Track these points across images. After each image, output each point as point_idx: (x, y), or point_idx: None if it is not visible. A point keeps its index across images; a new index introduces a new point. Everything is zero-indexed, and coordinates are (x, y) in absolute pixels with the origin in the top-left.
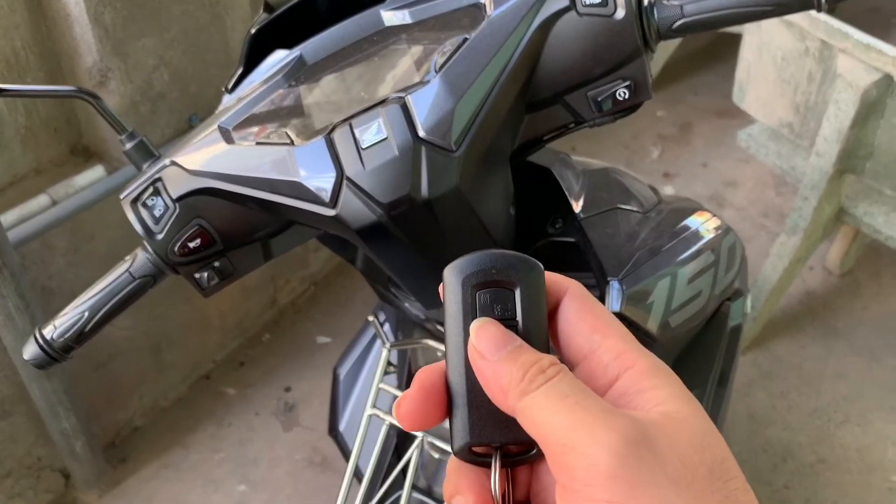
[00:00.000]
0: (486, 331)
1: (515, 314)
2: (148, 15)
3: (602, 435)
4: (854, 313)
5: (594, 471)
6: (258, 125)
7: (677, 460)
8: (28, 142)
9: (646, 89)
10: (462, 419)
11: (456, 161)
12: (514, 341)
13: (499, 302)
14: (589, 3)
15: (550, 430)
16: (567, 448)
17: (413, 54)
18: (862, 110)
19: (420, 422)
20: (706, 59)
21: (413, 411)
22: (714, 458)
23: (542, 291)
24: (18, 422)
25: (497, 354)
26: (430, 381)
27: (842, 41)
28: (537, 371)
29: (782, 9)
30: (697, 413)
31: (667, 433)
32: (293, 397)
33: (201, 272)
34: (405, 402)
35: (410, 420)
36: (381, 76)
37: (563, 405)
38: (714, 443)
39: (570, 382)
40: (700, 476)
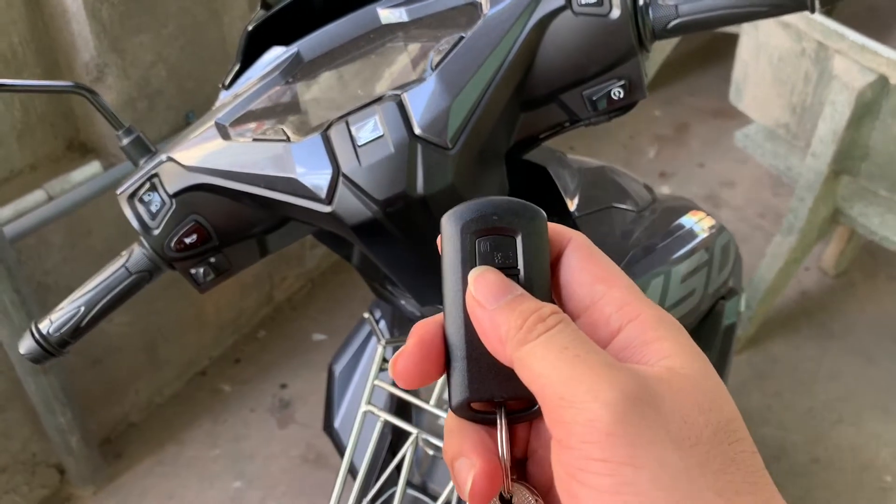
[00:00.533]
0: (485, 278)
1: (517, 262)
2: (145, 11)
3: (602, 390)
4: (849, 314)
5: (592, 427)
6: (255, 121)
7: (680, 419)
8: (24, 137)
9: (641, 88)
10: (461, 373)
11: (451, 158)
12: (514, 290)
13: (499, 249)
14: (584, 3)
15: (548, 383)
16: (565, 402)
17: (409, 52)
18: (857, 111)
19: (418, 378)
20: (703, 60)
21: (410, 367)
22: (720, 419)
23: (545, 239)
24: (13, 417)
25: (496, 303)
26: (429, 336)
27: (838, 42)
28: (537, 320)
29: (777, 9)
30: (705, 369)
31: (671, 390)
32: (289, 394)
33: (197, 268)
34: (402, 359)
35: (408, 377)
36: (377, 74)
37: (562, 357)
38: (721, 402)
39: (571, 333)
40: (704, 436)
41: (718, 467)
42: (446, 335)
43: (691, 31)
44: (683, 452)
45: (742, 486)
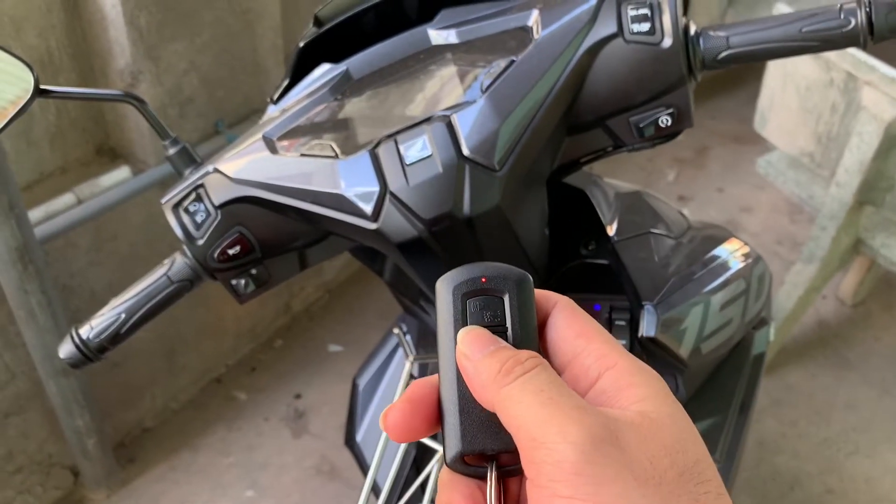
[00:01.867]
0: (472, 334)
1: (505, 320)
2: (181, 20)
3: (571, 431)
4: (866, 344)
5: (559, 467)
6: (302, 137)
7: (646, 460)
8: (56, 140)
9: (688, 117)
10: (454, 428)
11: (498, 180)
12: (497, 343)
13: (488, 309)
14: (637, 31)
15: (523, 424)
16: (536, 443)
17: (459, 74)
18: (885, 143)
19: (406, 434)
20: (725, 84)
21: (400, 422)
22: (687, 461)
23: (531, 299)
24: (32, 418)
25: (480, 354)
26: (420, 394)
27: (867, 74)
28: (514, 363)
29: (828, 45)
30: (674, 413)
31: (639, 432)
32: (303, 404)
33: (238, 279)
34: (392, 414)
35: (397, 431)
36: (426, 94)
37: (536, 399)
38: (689, 444)
39: (547, 378)
40: (669, 477)
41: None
42: (440, 391)
43: (741, 63)
44: (647, 491)
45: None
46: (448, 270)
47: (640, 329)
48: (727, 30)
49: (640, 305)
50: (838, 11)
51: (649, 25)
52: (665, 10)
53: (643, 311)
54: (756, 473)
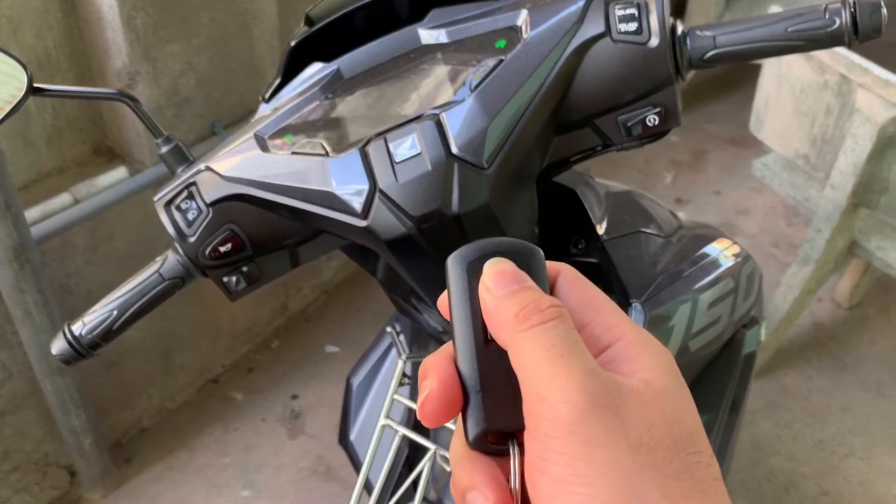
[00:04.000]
0: (497, 267)
1: None
2: (178, 21)
3: (572, 393)
4: (862, 346)
5: (556, 424)
6: (294, 135)
7: (643, 427)
8: (53, 140)
9: (676, 116)
10: (476, 407)
11: (487, 178)
12: (522, 280)
13: None
14: (624, 31)
15: (530, 376)
16: (539, 397)
17: (449, 73)
18: (879, 145)
19: (444, 418)
20: (722, 87)
21: (437, 409)
22: (682, 431)
23: (543, 274)
24: (28, 417)
25: (503, 290)
26: (447, 375)
27: (861, 76)
28: (533, 310)
29: (813, 44)
30: (677, 385)
31: (641, 399)
32: (300, 405)
33: (230, 276)
34: (429, 402)
35: (436, 417)
36: (416, 93)
37: (547, 354)
38: (686, 416)
39: (562, 332)
40: (664, 445)
41: (671, 472)
42: (460, 371)
43: (727, 62)
44: (638, 456)
45: (691, 491)
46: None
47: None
48: (714, 29)
49: (629, 303)
50: (823, 11)
51: (637, 25)
52: (652, 9)
53: (630, 309)
54: (751, 475)
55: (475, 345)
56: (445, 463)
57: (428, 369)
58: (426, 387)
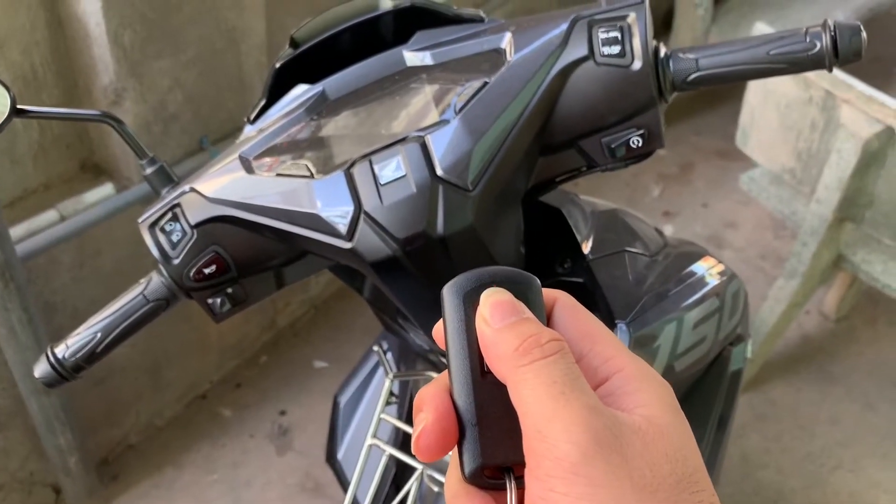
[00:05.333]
0: (495, 297)
1: None
2: (165, 37)
3: (575, 431)
4: (849, 359)
5: (559, 464)
6: (278, 156)
7: (646, 467)
8: (39, 157)
9: (659, 138)
10: (473, 441)
11: (472, 200)
12: (521, 312)
13: None
14: (607, 54)
15: (529, 412)
16: (541, 436)
17: (433, 95)
18: (863, 160)
19: (440, 452)
20: (709, 100)
21: (433, 443)
22: (685, 469)
23: (540, 304)
24: (13, 435)
25: (501, 322)
26: (443, 409)
27: (845, 92)
28: (533, 344)
29: (794, 67)
30: (678, 422)
31: (643, 438)
32: (288, 421)
33: (214, 298)
34: (424, 436)
35: (431, 452)
36: (401, 114)
37: (548, 391)
38: (689, 454)
39: (564, 367)
40: (667, 485)
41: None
42: (456, 403)
43: (710, 85)
44: (643, 496)
45: None
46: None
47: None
48: (696, 52)
49: (614, 324)
50: (804, 35)
51: (619, 48)
52: (635, 32)
53: (616, 330)
54: (740, 489)
55: (472, 377)
56: (433, 483)
57: (423, 401)
58: (421, 420)
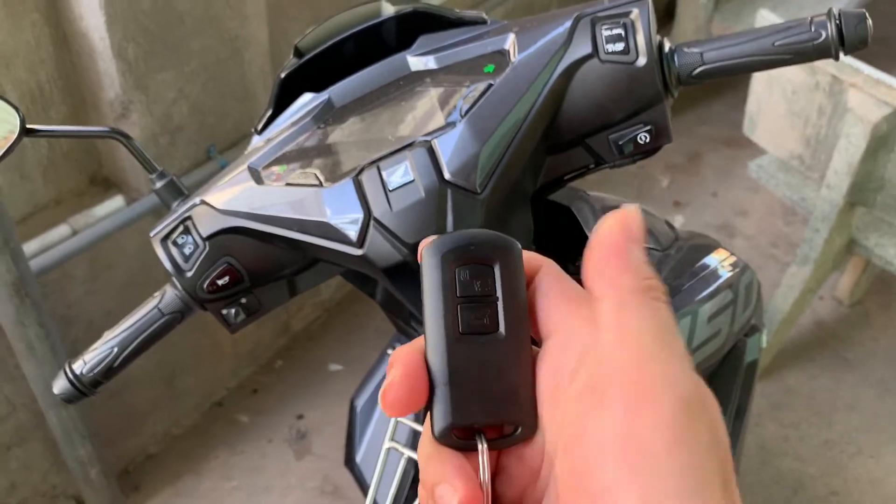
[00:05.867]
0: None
1: (495, 290)
2: (169, 49)
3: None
4: (865, 344)
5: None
6: (287, 165)
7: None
8: (49, 172)
9: (666, 133)
10: (444, 400)
11: (480, 203)
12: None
13: (478, 278)
14: (611, 51)
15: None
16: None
17: (439, 99)
18: (872, 144)
19: (407, 408)
20: (715, 90)
21: (401, 397)
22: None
23: (521, 269)
24: (34, 449)
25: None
26: (414, 365)
27: (852, 76)
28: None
29: (800, 57)
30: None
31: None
32: (305, 425)
33: (228, 308)
34: (391, 391)
35: (397, 407)
36: (407, 120)
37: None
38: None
39: (671, 318)
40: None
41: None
42: (428, 363)
43: (716, 78)
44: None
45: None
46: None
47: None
48: (701, 46)
49: None
50: (809, 24)
51: (623, 45)
52: (639, 29)
53: None
54: (759, 478)
55: (446, 337)
56: None
57: (395, 359)
58: (391, 375)
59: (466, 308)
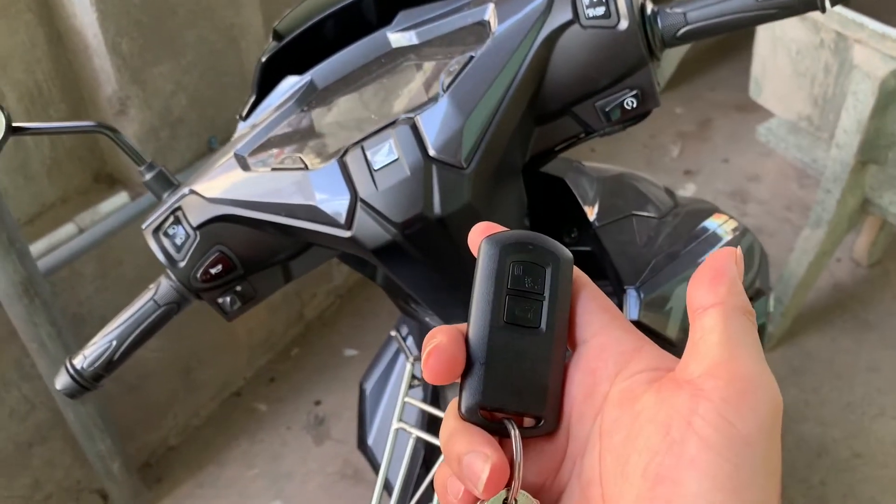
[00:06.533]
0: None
1: (543, 290)
2: (163, 42)
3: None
4: (885, 304)
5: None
6: (273, 150)
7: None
8: (53, 171)
9: (653, 97)
10: (477, 379)
11: (467, 178)
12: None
13: (530, 275)
14: (592, 16)
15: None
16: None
17: (421, 73)
18: (881, 100)
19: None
20: (722, 54)
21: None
22: None
23: (570, 277)
24: (56, 446)
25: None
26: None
27: (857, 32)
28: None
29: (786, 11)
30: None
31: None
32: (323, 411)
33: (224, 297)
34: (435, 355)
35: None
36: (390, 97)
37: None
38: None
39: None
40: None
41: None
42: (469, 342)
43: (701, 38)
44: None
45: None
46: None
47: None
48: (684, 6)
49: (623, 290)
50: None
51: (604, 9)
52: None
53: (625, 296)
54: (782, 443)
55: (491, 322)
56: None
57: (438, 331)
58: (434, 341)
59: (514, 300)
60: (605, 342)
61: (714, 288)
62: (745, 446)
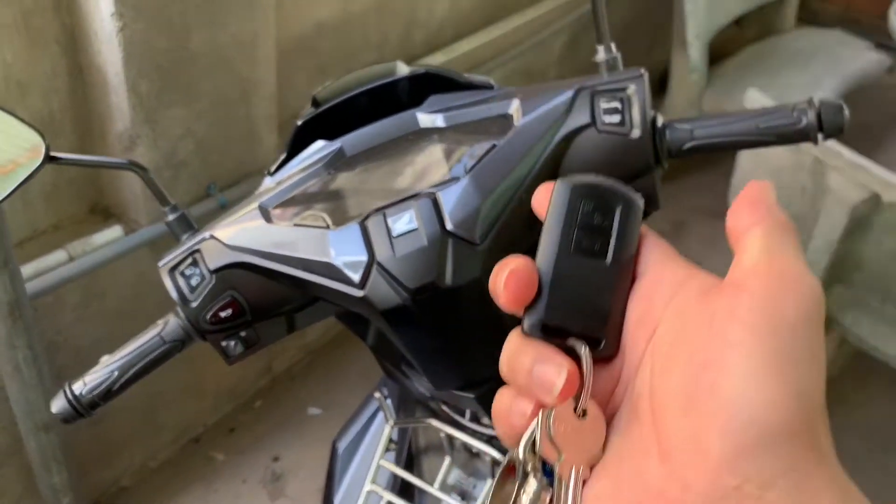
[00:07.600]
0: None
1: (612, 226)
2: (180, 87)
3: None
4: (837, 419)
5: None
6: (296, 207)
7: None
8: (51, 198)
9: (655, 201)
10: (542, 299)
11: (480, 254)
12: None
13: (599, 212)
14: (608, 122)
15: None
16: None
17: (445, 154)
18: (851, 225)
19: (519, 299)
20: (700, 160)
21: (518, 287)
22: None
23: (638, 218)
24: (8, 474)
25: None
26: (527, 265)
27: (834, 160)
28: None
29: (782, 140)
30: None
31: None
32: (281, 467)
33: (228, 340)
34: (514, 277)
35: (514, 295)
36: (414, 172)
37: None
38: None
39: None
40: None
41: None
42: (539, 268)
43: (704, 153)
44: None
45: None
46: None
47: None
48: (691, 123)
49: None
50: (791, 110)
51: (620, 118)
52: (634, 104)
53: None
54: None
55: (559, 250)
56: None
57: (509, 258)
58: (510, 266)
59: (582, 231)
60: (662, 273)
61: (754, 211)
62: (789, 330)
